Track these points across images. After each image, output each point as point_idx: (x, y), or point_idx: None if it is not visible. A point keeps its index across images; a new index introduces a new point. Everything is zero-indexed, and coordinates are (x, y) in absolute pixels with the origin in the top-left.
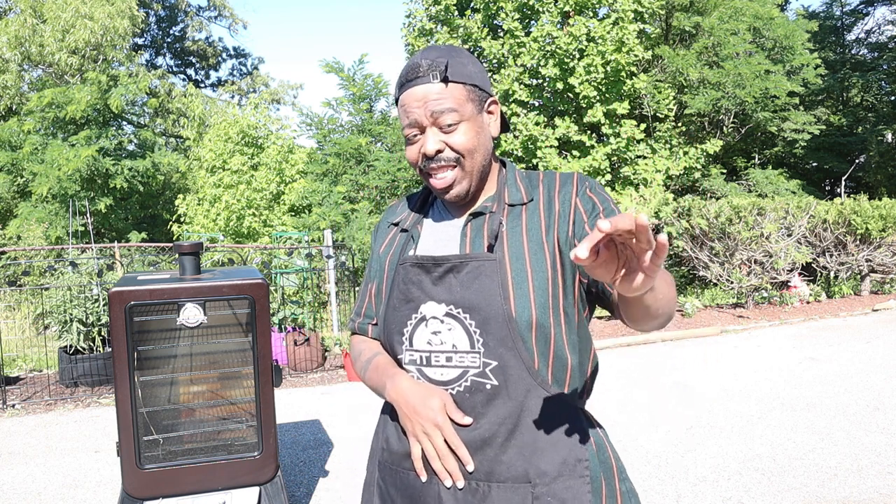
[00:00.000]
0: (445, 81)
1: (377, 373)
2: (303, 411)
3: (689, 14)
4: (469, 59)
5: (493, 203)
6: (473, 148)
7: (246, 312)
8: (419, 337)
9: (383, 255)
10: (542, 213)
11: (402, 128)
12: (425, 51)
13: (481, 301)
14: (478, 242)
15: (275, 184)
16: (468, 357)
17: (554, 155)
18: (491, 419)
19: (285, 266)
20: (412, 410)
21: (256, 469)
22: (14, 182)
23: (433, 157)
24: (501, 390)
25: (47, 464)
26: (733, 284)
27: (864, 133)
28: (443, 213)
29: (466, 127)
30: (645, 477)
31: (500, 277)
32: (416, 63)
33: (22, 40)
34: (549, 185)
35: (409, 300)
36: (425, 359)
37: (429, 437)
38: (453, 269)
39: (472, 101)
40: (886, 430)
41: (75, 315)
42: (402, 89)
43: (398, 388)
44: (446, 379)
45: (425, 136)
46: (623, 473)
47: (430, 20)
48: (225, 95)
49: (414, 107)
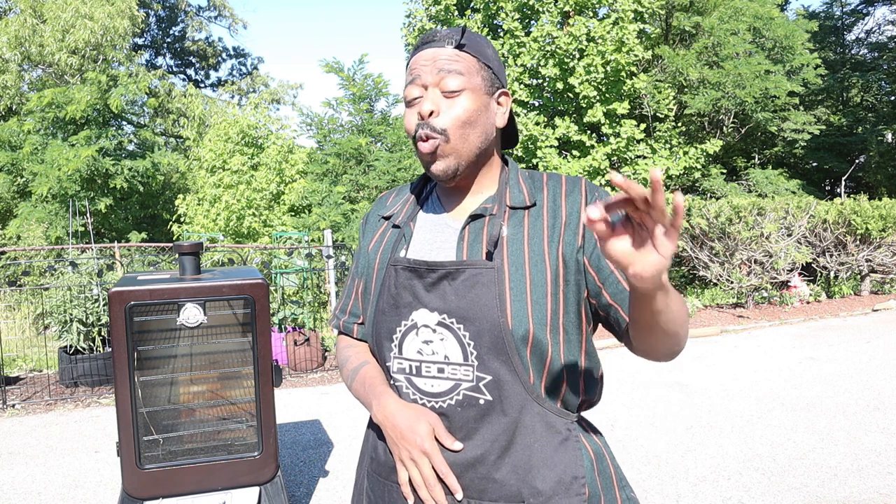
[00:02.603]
0: (460, 48)
1: (363, 388)
2: (303, 411)
3: (689, 14)
4: (487, 44)
5: (493, 204)
6: (467, 121)
7: (246, 312)
8: (409, 345)
9: (372, 252)
10: (546, 221)
11: (404, 88)
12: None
13: (476, 312)
14: (476, 248)
15: (275, 184)
16: (461, 370)
17: (554, 155)
18: (484, 436)
19: (285, 266)
20: (399, 435)
21: (256, 469)
22: (14, 182)
23: (426, 120)
24: (496, 406)
25: (47, 464)
26: (733, 284)
27: (864, 133)
28: (438, 210)
29: (468, 97)
30: (645, 477)
31: (498, 288)
32: (434, 30)
33: (22, 40)
34: (554, 188)
35: (400, 305)
36: (415, 368)
37: (416, 463)
38: (448, 275)
39: (483, 78)
40: (886, 430)
41: (75, 315)
42: (414, 53)
43: (385, 410)
44: (437, 391)
45: (424, 96)
46: (623, 481)
47: (430, 20)
48: (225, 95)
49: (421, 64)
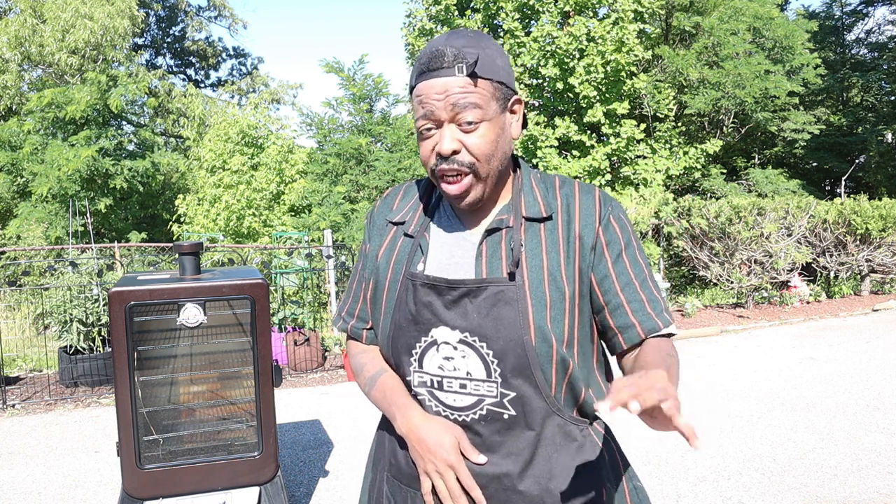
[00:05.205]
0: (472, 77)
1: (384, 397)
2: (303, 411)
3: (689, 14)
4: (497, 52)
5: (508, 215)
6: (491, 153)
7: (246, 312)
8: (430, 360)
9: (383, 260)
10: (561, 235)
11: (416, 119)
12: (450, 36)
13: (499, 330)
14: (494, 264)
15: (275, 184)
16: (484, 386)
17: (554, 155)
18: (508, 449)
19: (285, 266)
20: (425, 449)
21: (256, 469)
22: (14, 182)
23: (448, 157)
24: (519, 420)
25: (47, 464)
26: (733, 284)
27: (864, 133)
28: (452, 221)
29: (488, 128)
30: (645, 477)
31: (520, 306)
32: (439, 50)
33: (22, 40)
34: (567, 197)
35: (419, 322)
36: (437, 382)
37: (441, 476)
38: (469, 293)
39: (497, 99)
40: (886, 430)
41: (75, 315)
42: (420, 77)
43: (410, 423)
44: (460, 405)
45: (441, 133)
46: (631, 472)
47: (431, 20)
48: (225, 95)
49: (433, 98)
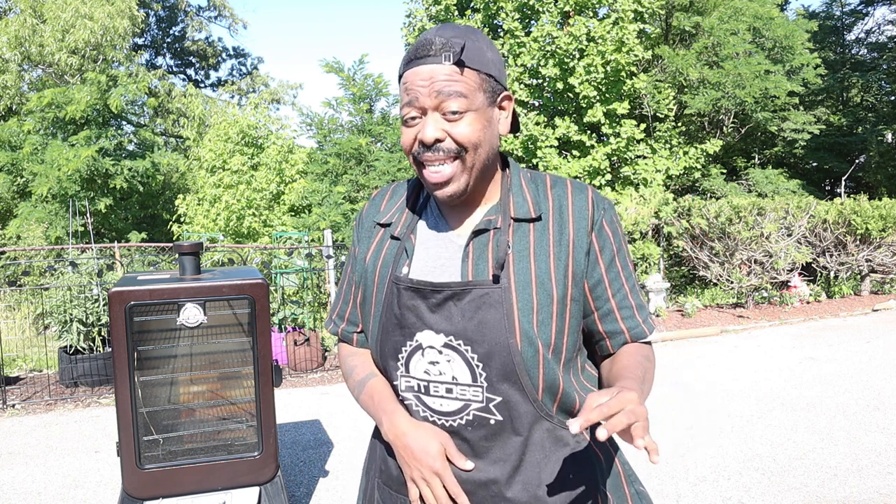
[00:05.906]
0: (459, 65)
1: (372, 402)
2: (303, 411)
3: (689, 14)
4: (487, 45)
5: (496, 216)
6: (478, 142)
7: (246, 312)
8: (416, 365)
9: (370, 264)
10: (552, 236)
11: (401, 107)
12: (440, 28)
13: (484, 333)
14: (481, 266)
15: (275, 184)
16: (470, 390)
17: (554, 155)
18: (495, 455)
19: (285, 266)
20: (410, 455)
21: (256, 469)
22: (14, 182)
23: (431, 145)
24: (506, 426)
25: (47, 464)
26: (733, 284)
27: (864, 133)
28: (439, 221)
29: (473, 118)
30: (645, 477)
31: (506, 308)
32: (428, 39)
33: (22, 40)
34: (559, 197)
35: (404, 326)
36: (424, 387)
37: (427, 483)
38: (454, 296)
39: (485, 91)
40: (886, 430)
41: (75, 315)
42: (407, 66)
43: (396, 429)
44: (447, 410)
45: (425, 121)
46: (632, 476)
47: (431, 20)
48: (225, 95)
49: (418, 85)
